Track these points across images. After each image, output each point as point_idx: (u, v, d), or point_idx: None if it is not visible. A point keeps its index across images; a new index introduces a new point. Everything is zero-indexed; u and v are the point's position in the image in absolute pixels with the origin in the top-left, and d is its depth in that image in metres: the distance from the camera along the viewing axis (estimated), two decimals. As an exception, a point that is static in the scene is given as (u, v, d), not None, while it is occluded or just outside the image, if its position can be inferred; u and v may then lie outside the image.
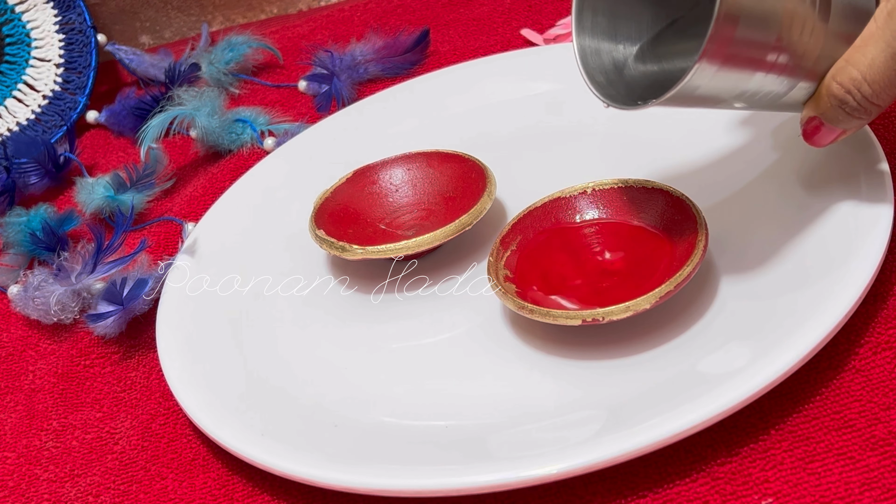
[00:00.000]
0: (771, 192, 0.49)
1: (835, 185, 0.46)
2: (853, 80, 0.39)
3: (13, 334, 0.58)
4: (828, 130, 0.41)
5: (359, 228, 0.53)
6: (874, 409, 0.39)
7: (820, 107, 0.41)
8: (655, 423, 0.37)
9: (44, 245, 0.61)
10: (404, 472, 0.39)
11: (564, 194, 0.49)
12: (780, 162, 0.50)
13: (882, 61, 0.38)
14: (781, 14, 0.38)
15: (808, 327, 0.39)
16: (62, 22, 0.77)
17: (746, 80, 0.40)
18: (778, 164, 0.50)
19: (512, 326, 0.46)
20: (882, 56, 0.38)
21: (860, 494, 0.36)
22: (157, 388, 0.50)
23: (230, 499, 0.43)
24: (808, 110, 0.42)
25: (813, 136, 0.42)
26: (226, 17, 0.87)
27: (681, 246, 0.45)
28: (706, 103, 0.41)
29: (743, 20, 0.37)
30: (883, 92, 0.39)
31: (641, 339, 0.43)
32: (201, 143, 0.68)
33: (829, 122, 0.41)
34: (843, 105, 0.40)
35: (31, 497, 0.46)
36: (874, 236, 0.42)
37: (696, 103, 0.41)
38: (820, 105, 0.41)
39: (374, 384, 0.46)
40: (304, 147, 0.63)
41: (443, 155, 0.55)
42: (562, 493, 0.39)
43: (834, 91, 0.40)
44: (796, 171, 0.49)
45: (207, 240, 0.57)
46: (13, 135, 0.74)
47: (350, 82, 0.70)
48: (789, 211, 0.47)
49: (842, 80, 0.40)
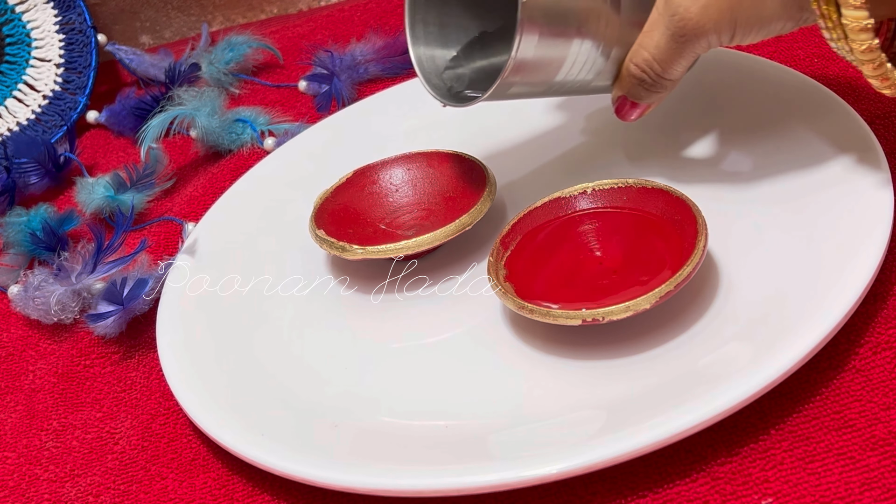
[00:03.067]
0: (771, 192, 0.49)
1: (835, 185, 0.46)
2: (645, 61, 0.45)
3: (13, 334, 0.58)
4: (634, 106, 0.47)
5: (359, 228, 0.53)
6: (874, 409, 0.39)
7: (624, 86, 0.47)
8: (655, 423, 0.37)
9: (44, 245, 0.61)
10: (404, 472, 0.39)
11: (564, 194, 0.49)
12: (780, 162, 0.50)
13: (665, 42, 0.44)
14: (578, 12, 0.44)
15: (808, 327, 0.39)
16: (62, 22, 0.77)
17: (556, 71, 0.46)
18: (778, 164, 0.50)
19: (512, 326, 0.46)
20: (664, 38, 0.44)
21: (860, 494, 0.36)
22: (157, 388, 0.50)
23: (230, 499, 0.43)
24: (616, 90, 0.48)
25: (622, 112, 0.48)
26: (226, 17, 0.87)
27: (681, 246, 0.45)
28: (527, 94, 0.47)
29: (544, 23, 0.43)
30: (670, 68, 0.45)
31: (641, 339, 0.43)
32: (201, 143, 0.68)
33: (633, 98, 0.47)
34: (642, 83, 0.46)
35: (31, 497, 0.47)
36: (874, 236, 0.42)
37: (519, 96, 0.47)
38: (624, 85, 0.47)
39: (374, 384, 0.46)
40: (304, 147, 0.63)
41: (443, 155, 0.55)
42: (562, 493, 0.39)
43: (632, 71, 0.46)
44: (796, 171, 0.49)
45: (207, 240, 0.57)
46: (13, 135, 0.74)
47: (350, 82, 0.70)
48: (789, 211, 0.47)
49: (637, 61, 0.46)
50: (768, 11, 0.41)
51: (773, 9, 0.41)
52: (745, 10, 0.41)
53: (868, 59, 0.39)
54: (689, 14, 0.42)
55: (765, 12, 0.41)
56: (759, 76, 0.55)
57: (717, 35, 0.42)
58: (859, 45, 0.38)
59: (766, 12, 0.41)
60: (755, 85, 0.55)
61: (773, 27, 0.42)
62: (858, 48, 0.39)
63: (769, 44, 0.61)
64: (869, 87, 0.54)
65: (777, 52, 0.60)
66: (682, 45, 0.43)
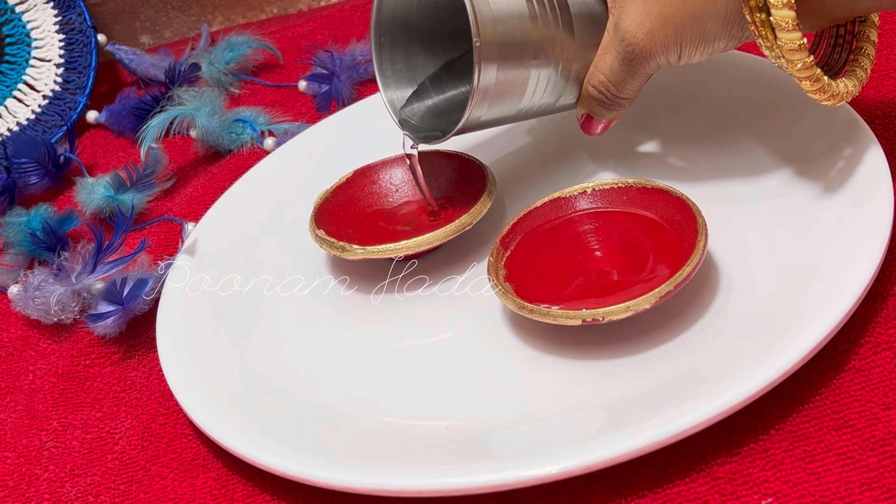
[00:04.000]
0: (771, 192, 0.49)
1: (835, 185, 0.46)
2: (601, 83, 0.48)
3: (13, 334, 0.58)
4: (597, 122, 0.50)
5: (359, 228, 0.53)
6: (874, 409, 0.39)
7: (585, 105, 0.50)
8: (655, 423, 0.37)
9: (44, 245, 0.61)
10: (404, 472, 0.39)
11: (564, 194, 0.49)
12: (780, 162, 0.50)
13: (617, 65, 0.47)
14: (533, 41, 0.46)
15: (808, 327, 0.39)
16: (62, 22, 0.77)
17: (521, 97, 0.48)
18: (778, 164, 0.50)
19: (512, 326, 0.46)
20: (616, 61, 0.47)
21: (860, 494, 0.36)
22: (157, 388, 0.50)
23: (230, 499, 0.43)
24: (579, 108, 0.50)
25: (588, 128, 0.50)
26: (226, 17, 0.87)
27: (681, 246, 0.45)
28: (498, 122, 0.49)
29: (501, 56, 0.45)
30: (624, 88, 0.48)
31: (641, 339, 0.43)
32: (201, 143, 0.68)
33: (595, 115, 0.50)
34: (601, 102, 0.49)
35: (31, 497, 0.47)
36: (874, 236, 0.42)
37: (491, 124, 0.49)
38: (585, 104, 0.50)
39: (374, 384, 0.46)
40: (304, 147, 0.63)
41: (443, 155, 0.55)
42: (562, 493, 0.39)
43: (591, 92, 0.49)
44: (796, 171, 0.49)
45: (207, 240, 0.57)
46: (13, 135, 0.74)
47: (350, 82, 0.70)
48: (789, 211, 0.47)
49: (594, 83, 0.48)
50: (711, 32, 0.44)
51: (714, 30, 0.43)
52: (688, 32, 0.44)
53: (805, 76, 0.42)
54: (636, 39, 0.45)
55: (707, 33, 0.44)
56: (760, 78, 0.55)
57: (665, 56, 0.45)
58: (794, 64, 0.41)
59: (709, 33, 0.44)
60: (756, 86, 0.55)
61: (717, 45, 0.44)
62: (786, 47, 0.41)
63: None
64: (869, 87, 0.54)
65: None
66: (633, 66, 0.46)
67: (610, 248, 0.47)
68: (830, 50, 0.46)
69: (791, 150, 0.50)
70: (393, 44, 0.51)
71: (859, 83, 0.44)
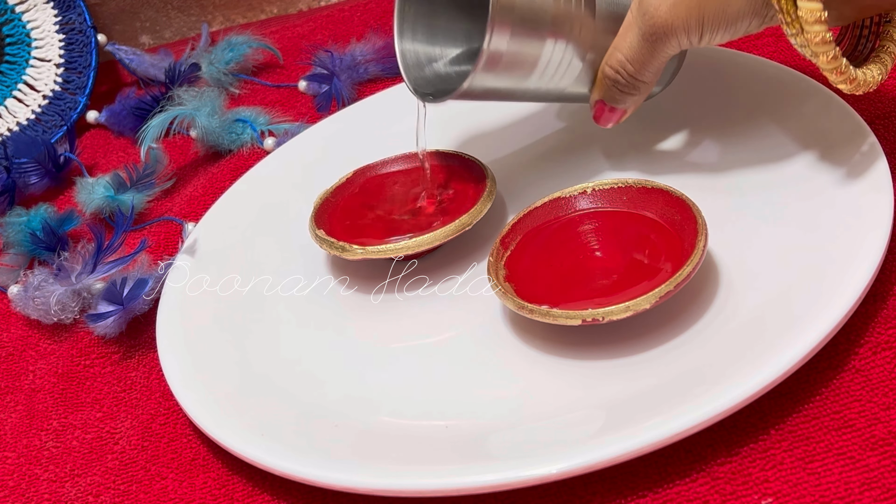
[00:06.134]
0: (771, 191, 0.49)
1: (835, 185, 0.46)
2: (619, 62, 0.47)
3: (13, 334, 0.58)
4: (611, 110, 0.49)
5: (359, 228, 0.53)
6: (874, 409, 0.39)
7: (600, 90, 0.49)
8: (655, 423, 0.37)
9: (44, 245, 0.61)
10: (404, 472, 0.39)
11: (564, 194, 0.49)
12: (780, 162, 0.50)
13: (638, 43, 0.46)
14: (551, 13, 0.45)
15: (808, 327, 0.39)
16: (62, 22, 0.77)
17: (531, 71, 0.47)
18: (778, 164, 0.50)
19: (512, 326, 0.46)
20: (637, 39, 0.45)
21: (860, 494, 0.36)
22: (157, 388, 0.50)
23: (230, 499, 0.43)
24: (593, 95, 0.49)
25: (600, 117, 0.50)
26: (226, 17, 0.87)
27: (681, 246, 0.45)
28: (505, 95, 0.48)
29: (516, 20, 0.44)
30: (643, 69, 0.46)
31: (641, 339, 0.43)
32: (201, 143, 0.68)
33: (609, 101, 0.49)
34: (616, 84, 0.48)
35: (31, 497, 0.47)
36: (874, 236, 0.42)
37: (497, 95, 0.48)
38: (600, 88, 0.49)
39: (374, 384, 0.46)
40: (304, 147, 0.63)
41: (443, 155, 0.55)
42: (562, 493, 0.39)
43: (607, 73, 0.47)
44: (796, 171, 0.49)
45: (207, 240, 0.57)
46: (13, 135, 0.74)
47: (350, 82, 0.70)
48: (789, 211, 0.47)
49: (611, 63, 0.47)
50: (734, 9, 0.43)
51: (738, 6, 0.42)
52: (711, 8, 0.43)
53: (822, 52, 0.41)
54: (659, 12, 0.44)
55: (731, 10, 0.43)
56: (761, 77, 0.55)
57: (686, 34, 0.44)
58: (813, 35, 0.40)
59: (732, 10, 0.43)
60: (757, 86, 0.55)
61: (740, 25, 0.43)
62: (813, 39, 0.40)
63: (771, 45, 0.61)
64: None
65: (777, 51, 0.60)
66: (654, 44, 0.45)
67: (610, 248, 0.47)
68: (856, 41, 0.45)
69: (791, 150, 0.50)
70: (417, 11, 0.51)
71: (885, 69, 0.43)
